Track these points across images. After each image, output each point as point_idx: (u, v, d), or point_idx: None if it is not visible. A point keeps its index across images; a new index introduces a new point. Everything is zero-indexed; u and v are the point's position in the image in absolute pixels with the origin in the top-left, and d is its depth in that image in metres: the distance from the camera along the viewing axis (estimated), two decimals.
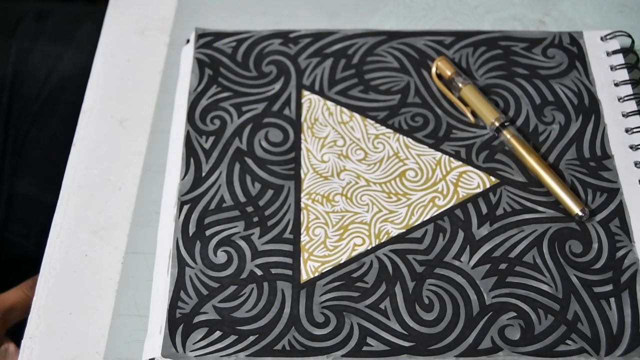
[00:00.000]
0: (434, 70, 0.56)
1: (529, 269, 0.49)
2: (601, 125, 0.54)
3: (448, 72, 0.56)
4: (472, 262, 0.49)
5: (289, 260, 0.49)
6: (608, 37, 0.57)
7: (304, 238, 0.50)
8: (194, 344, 0.46)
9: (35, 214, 0.70)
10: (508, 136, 0.53)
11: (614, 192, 0.51)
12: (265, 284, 0.48)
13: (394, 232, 0.50)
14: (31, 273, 0.58)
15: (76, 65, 0.63)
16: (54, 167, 0.56)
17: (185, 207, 0.51)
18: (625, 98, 0.55)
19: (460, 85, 0.55)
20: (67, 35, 0.74)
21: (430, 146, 0.54)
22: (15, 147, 0.70)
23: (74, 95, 0.62)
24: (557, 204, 0.51)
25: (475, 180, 0.52)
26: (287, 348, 0.46)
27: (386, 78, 0.57)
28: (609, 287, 0.48)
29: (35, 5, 0.77)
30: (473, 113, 0.55)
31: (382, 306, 0.47)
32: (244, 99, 0.56)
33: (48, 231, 0.53)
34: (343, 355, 0.46)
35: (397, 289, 0.48)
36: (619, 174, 0.52)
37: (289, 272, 0.49)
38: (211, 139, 0.54)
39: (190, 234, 0.50)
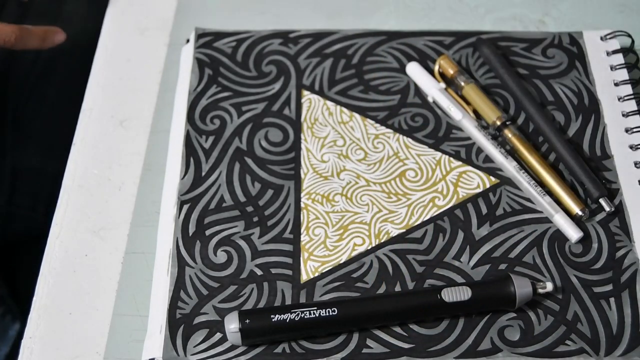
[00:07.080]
0: (436, 68, 0.56)
1: (529, 269, 0.49)
2: (601, 125, 0.54)
3: (451, 70, 0.56)
4: (472, 262, 0.49)
5: (289, 260, 0.49)
6: (608, 36, 0.57)
7: (304, 238, 0.50)
8: (194, 347, 0.46)
9: (40, 184, 0.70)
10: (509, 135, 0.53)
11: (614, 192, 0.51)
12: (265, 284, 0.48)
13: (394, 232, 0.50)
14: (38, 249, 0.57)
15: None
16: (56, 136, 0.55)
17: (185, 207, 0.51)
18: (625, 98, 0.55)
19: (462, 84, 0.55)
20: (52, 12, 0.74)
21: (430, 146, 0.54)
22: (15, 120, 0.71)
23: (67, 66, 0.62)
24: (557, 203, 0.51)
25: (475, 180, 0.52)
26: (287, 351, 0.46)
27: (386, 78, 0.57)
28: (609, 287, 0.48)
29: None
30: (475, 112, 0.55)
31: None
32: (243, 98, 0.56)
33: (54, 200, 0.53)
34: (343, 358, 0.46)
35: (397, 289, 0.48)
36: (619, 174, 0.52)
37: (289, 272, 0.49)
38: (211, 138, 0.54)
39: (190, 234, 0.50)
